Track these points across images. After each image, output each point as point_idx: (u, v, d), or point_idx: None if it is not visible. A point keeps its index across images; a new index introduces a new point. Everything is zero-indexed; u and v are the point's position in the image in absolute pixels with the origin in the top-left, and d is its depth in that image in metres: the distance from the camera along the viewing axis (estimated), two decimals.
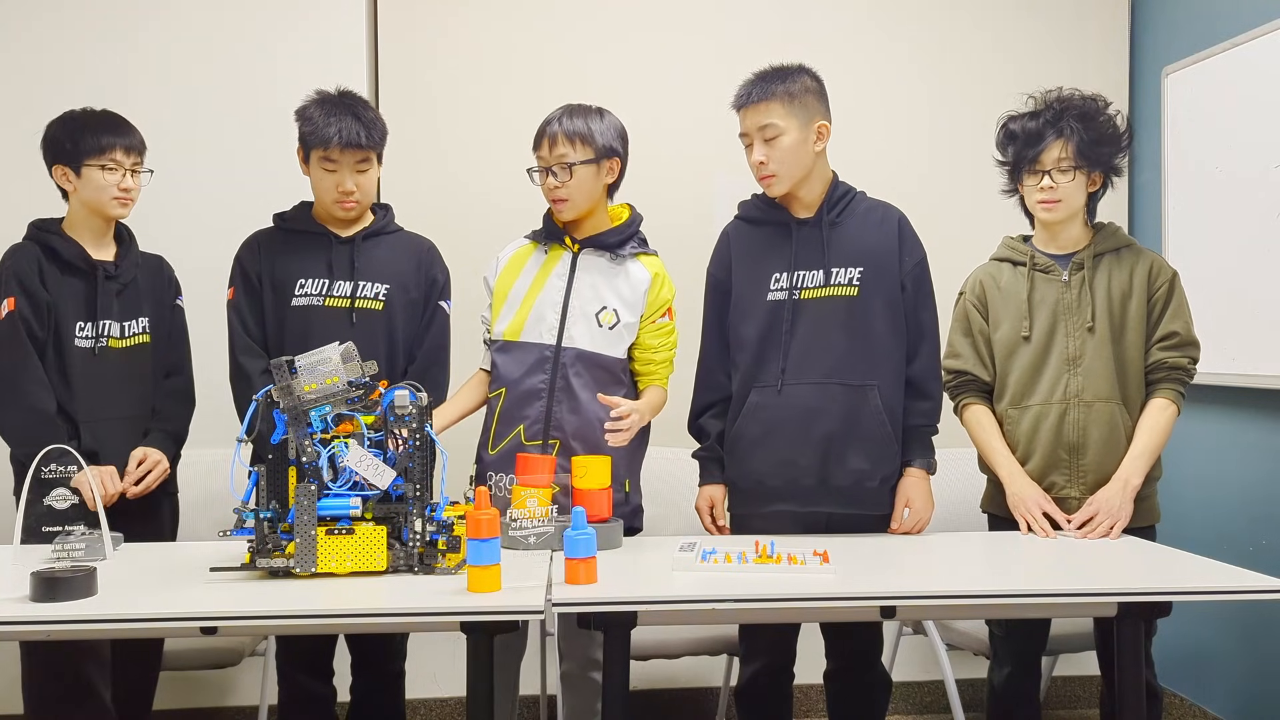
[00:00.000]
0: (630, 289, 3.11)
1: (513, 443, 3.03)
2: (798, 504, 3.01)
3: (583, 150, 3.03)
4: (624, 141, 3.14)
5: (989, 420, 3.15)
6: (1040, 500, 3.01)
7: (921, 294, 3.08)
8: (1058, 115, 3.05)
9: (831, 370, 2.99)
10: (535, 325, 3.07)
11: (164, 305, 3.31)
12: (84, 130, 3.11)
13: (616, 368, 3.10)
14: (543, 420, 3.03)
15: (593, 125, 3.05)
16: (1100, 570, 2.63)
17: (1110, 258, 3.11)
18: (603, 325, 3.07)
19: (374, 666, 3.37)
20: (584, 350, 3.05)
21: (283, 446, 2.51)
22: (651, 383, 3.17)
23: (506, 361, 3.09)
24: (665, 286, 3.16)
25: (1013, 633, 3.18)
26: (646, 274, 3.13)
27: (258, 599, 2.30)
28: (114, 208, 3.14)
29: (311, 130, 3.11)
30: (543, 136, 3.06)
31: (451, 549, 2.52)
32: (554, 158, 3.03)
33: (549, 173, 3.05)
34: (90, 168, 3.10)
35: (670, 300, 3.17)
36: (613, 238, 3.12)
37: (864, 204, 3.10)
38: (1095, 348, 3.04)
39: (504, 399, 3.07)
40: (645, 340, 3.14)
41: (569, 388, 3.04)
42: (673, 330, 3.19)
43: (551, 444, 3.03)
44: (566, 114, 3.07)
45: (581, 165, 3.03)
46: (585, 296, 3.08)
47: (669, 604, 2.39)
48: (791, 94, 2.97)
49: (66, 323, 3.09)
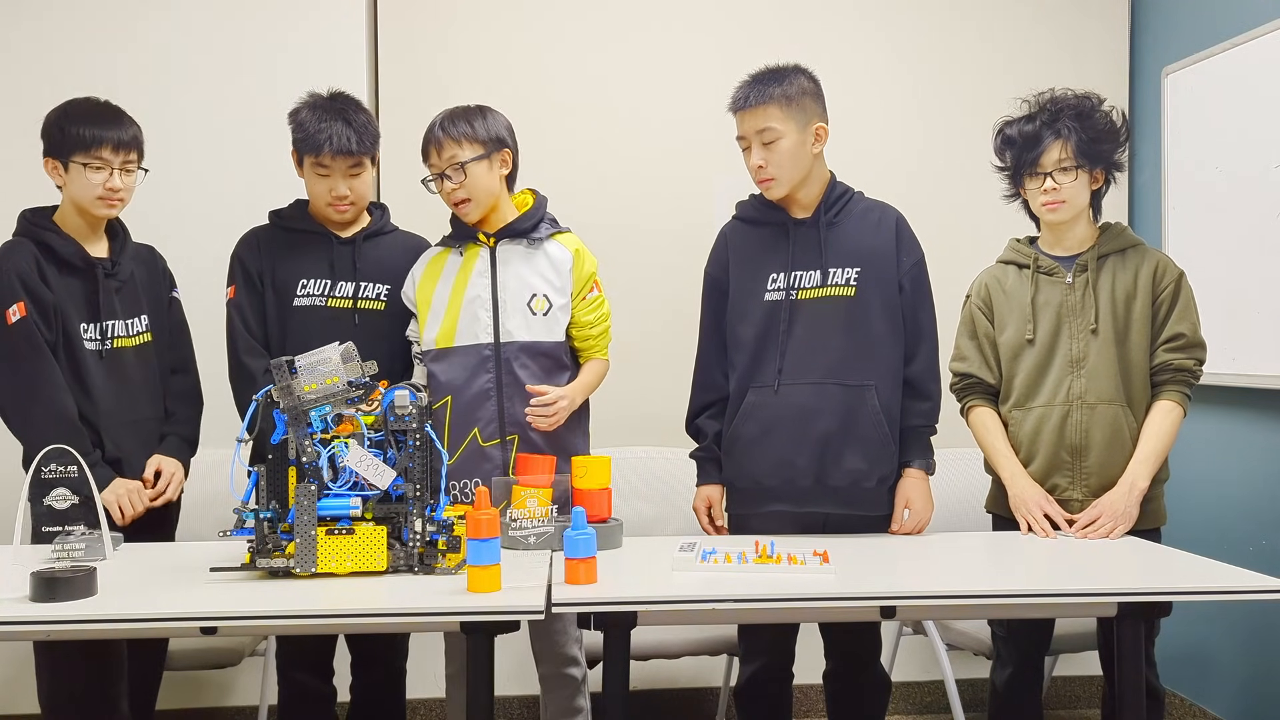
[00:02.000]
0: (554, 270, 3.11)
1: (470, 446, 3.04)
2: (795, 504, 3.01)
3: (471, 148, 3.04)
4: (511, 132, 3.14)
5: (994, 422, 3.15)
6: (1042, 501, 3.00)
7: (919, 294, 3.07)
8: (1054, 116, 3.04)
9: (829, 370, 2.98)
10: (469, 326, 3.07)
11: (161, 299, 3.25)
12: (74, 123, 3.01)
13: (559, 352, 3.12)
14: (497, 419, 3.04)
15: (475, 123, 3.06)
16: (1101, 570, 2.62)
17: (1115, 258, 3.09)
18: (536, 313, 3.08)
19: (374, 666, 3.37)
20: (524, 341, 3.06)
21: (283, 446, 2.51)
22: (592, 356, 3.19)
23: (446, 369, 3.08)
24: (587, 261, 3.17)
25: (1015, 633, 3.17)
26: (566, 252, 3.14)
27: (258, 599, 2.30)
28: (98, 208, 3.04)
29: (303, 137, 3.11)
30: (429, 144, 3.07)
31: (451, 549, 2.52)
32: (445, 161, 3.04)
33: (444, 178, 3.05)
34: (76, 165, 3.00)
35: (594, 273, 3.18)
36: (525, 223, 3.12)
37: (862, 204, 3.09)
38: (1099, 350, 3.03)
39: (451, 407, 3.06)
40: (579, 318, 3.15)
41: (516, 381, 3.04)
42: (603, 302, 3.20)
43: (510, 439, 3.03)
44: (447, 118, 3.08)
45: (474, 162, 3.03)
46: (513, 288, 3.08)
47: (669, 604, 2.38)
48: (789, 97, 2.96)
49: (72, 325, 3.01)
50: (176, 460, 3.16)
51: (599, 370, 3.20)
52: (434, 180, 3.08)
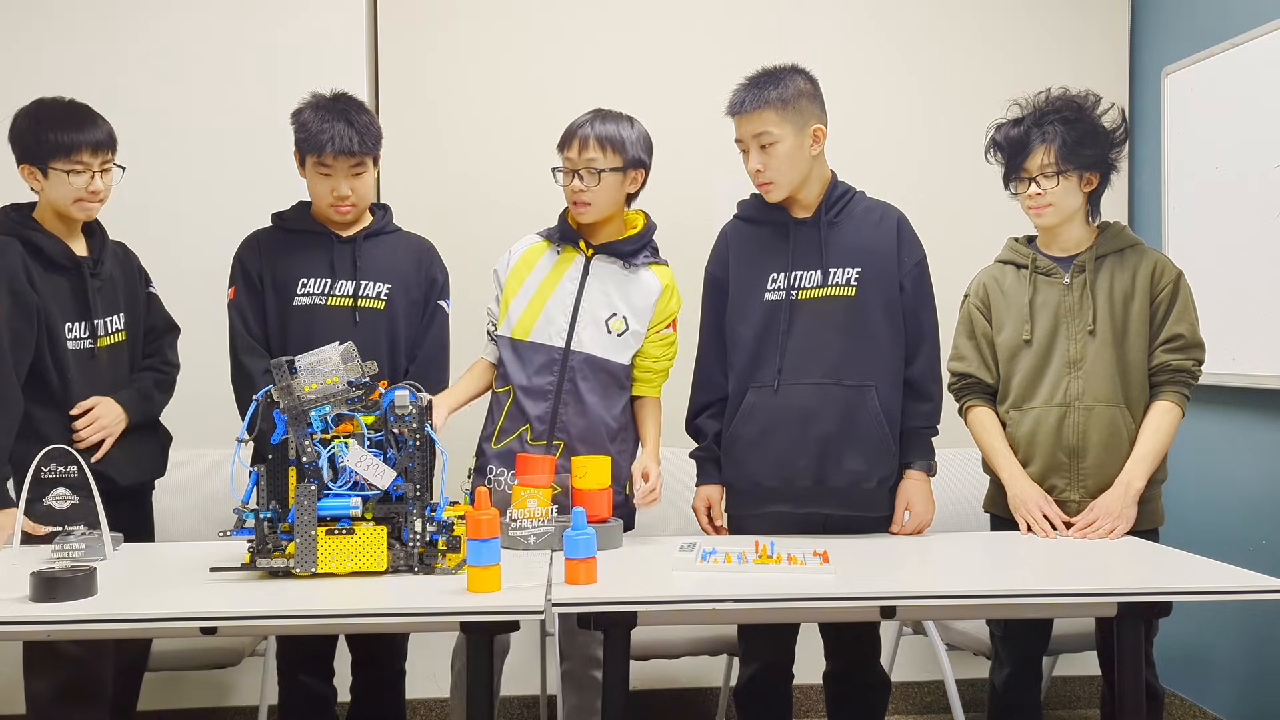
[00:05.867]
0: (641, 298, 3.11)
1: (516, 440, 3.04)
2: (794, 505, 3.01)
3: (612, 158, 3.03)
4: (650, 153, 3.13)
5: (992, 422, 3.14)
6: (1041, 501, 3.00)
7: (921, 294, 3.07)
8: (1039, 120, 3.04)
9: (829, 371, 2.98)
10: (545, 326, 3.07)
11: (137, 297, 3.22)
12: (49, 128, 2.95)
13: (621, 374, 3.11)
14: (549, 421, 3.04)
15: (624, 133, 3.05)
16: (1100, 570, 2.62)
17: (1113, 259, 3.09)
18: (612, 332, 3.08)
19: (374, 666, 3.37)
20: (592, 355, 3.07)
21: (283, 446, 2.51)
22: (647, 390, 3.18)
23: (514, 360, 3.09)
24: (674, 298, 3.17)
25: (1014, 633, 3.18)
26: (658, 284, 3.14)
27: (258, 599, 2.30)
28: (78, 211, 3.01)
29: (305, 137, 3.11)
30: (573, 138, 3.05)
31: (451, 549, 2.52)
32: (582, 161, 3.02)
33: (575, 175, 3.04)
34: (57, 171, 2.95)
35: (676, 312, 3.18)
36: (628, 246, 3.12)
37: (863, 204, 3.09)
38: (1096, 351, 3.03)
39: (513, 396, 3.07)
40: (649, 349, 3.15)
41: (576, 391, 3.05)
42: (674, 342, 3.19)
43: (556, 445, 3.03)
44: (599, 118, 3.06)
45: (609, 173, 3.02)
46: (596, 302, 3.08)
47: (669, 604, 2.38)
48: (785, 100, 2.94)
49: (56, 325, 2.98)
50: (115, 403, 3.07)
51: (659, 413, 3.20)
52: (563, 173, 3.07)
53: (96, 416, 3.02)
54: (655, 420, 3.17)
